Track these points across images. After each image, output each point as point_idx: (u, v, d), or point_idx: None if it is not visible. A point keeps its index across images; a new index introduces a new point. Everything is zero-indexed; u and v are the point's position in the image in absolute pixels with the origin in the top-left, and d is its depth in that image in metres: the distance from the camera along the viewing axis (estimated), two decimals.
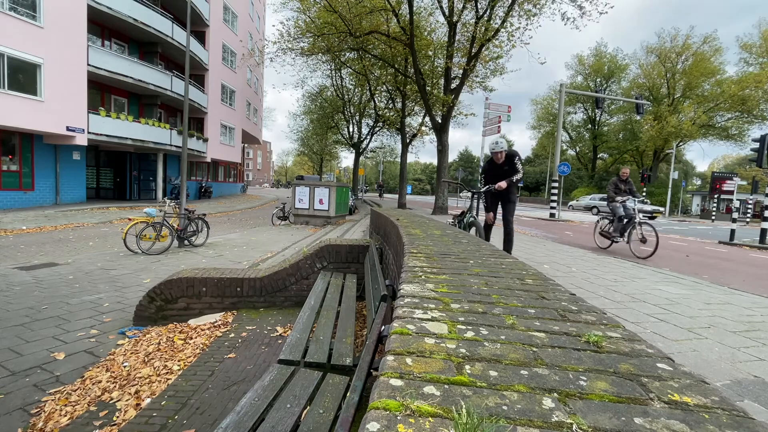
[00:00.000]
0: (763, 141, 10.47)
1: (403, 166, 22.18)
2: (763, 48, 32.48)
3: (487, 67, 17.51)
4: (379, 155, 38.78)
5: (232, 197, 28.34)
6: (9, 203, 13.47)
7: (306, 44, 17.28)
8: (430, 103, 16.01)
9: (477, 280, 1.51)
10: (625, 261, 6.33)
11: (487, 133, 13.25)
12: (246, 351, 3.24)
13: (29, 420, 2.43)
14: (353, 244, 4.53)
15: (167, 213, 7.98)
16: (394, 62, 18.38)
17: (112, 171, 19.87)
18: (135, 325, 3.96)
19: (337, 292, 3.50)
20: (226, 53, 26.14)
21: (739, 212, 22.37)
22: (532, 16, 14.09)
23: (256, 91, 35.88)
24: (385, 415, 0.61)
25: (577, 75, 44.04)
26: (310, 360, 2.09)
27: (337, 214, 13.95)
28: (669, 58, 36.45)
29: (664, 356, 0.86)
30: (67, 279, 5.48)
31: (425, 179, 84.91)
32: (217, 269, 4.48)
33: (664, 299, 3.86)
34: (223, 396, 2.55)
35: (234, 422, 1.52)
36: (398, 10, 14.63)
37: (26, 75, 13.09)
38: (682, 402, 0.67)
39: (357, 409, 1.03)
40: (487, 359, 0.81)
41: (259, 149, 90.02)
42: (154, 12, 17.98)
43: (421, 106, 21.43)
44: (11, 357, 3.19)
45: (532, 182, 57.35)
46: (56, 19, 13.65)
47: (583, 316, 1.13)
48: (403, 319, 1.02)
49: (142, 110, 19.69)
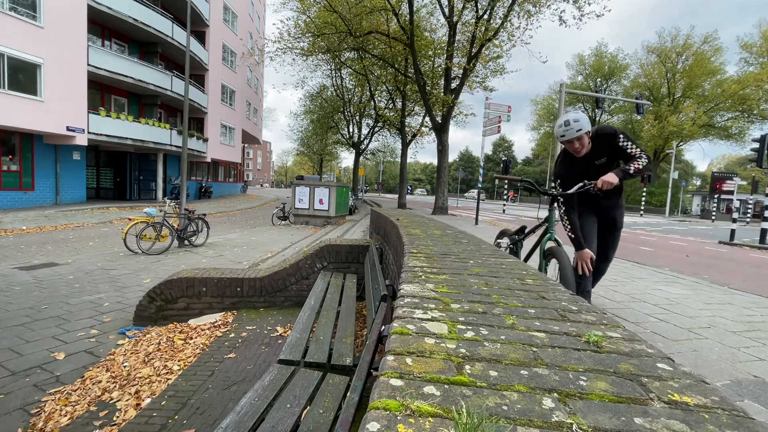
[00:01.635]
0: (763, 141, 10.48)
1: (403, 166, 22.18)
2: (763, 48, 32.47)
3: (487, 67, 17.52)
4: (379, 156, 38.77)
5: (232, 197, 28.33)
6: (9, 203, 13.46)
7: (306, 44, 17.29)
8: (430, 103, 16.01)
9: (477, 280, 1.51)
10: (625, 261, 6.33)
11: (487, 133, 13.22)
12: (246, 351, 3.24)
13: (29, 420, 2.43)
14: (353, 244, 4.53)
15: (167, 213, 7.98)
16: (394, 62, 18.38)
17: (112, 171, 19.86)
18: (135, 325, 3.96)
19: (337, 292, 3.50)
20: (226, 53, 26.14)
21: (739, 212, 22.37)
22: (532, 16, 14.11)
23: (256, 91, 35.88)
24: (385, 415, 0.61)
25: (578, 75, 44.03)
26: (310, 360, 2.09)
27: (337, 214, 13.95)
28: (669, 57, 36.45)
29: (664, 356, 0.85)
30: (67, 279, 5.48)
31: (425, 179, 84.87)
32: (217, 269, 4.48)
33: (664, 299, 3.86)
34: (223, 396, 2.55)
35: (234, 422, 1.52)
36: (398, 10, 14.64)
37: (26, 75, 13.09)
38: (682, 402, 0.67)
39: (357, 409, 1.03)
40: (487, 359, 0.81)
41: (259, 149, 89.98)
42: (154, 12, 17.97)
43: (421, 106, 21.44)
44: (11, 357, 3.19)
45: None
46: (56, 19, 13.64)
47: (583, 316, 1.13)
48: (403, 319, 1.02)
49: (142, 110, 19.68)
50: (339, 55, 19.99)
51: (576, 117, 2.63)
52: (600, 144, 2.72)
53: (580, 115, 2.64)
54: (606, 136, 2.71)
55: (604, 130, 2.74)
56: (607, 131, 2.72)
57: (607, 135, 2.71)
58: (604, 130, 2.74)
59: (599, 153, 2.74)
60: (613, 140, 2.68)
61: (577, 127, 2.62)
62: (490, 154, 60.94)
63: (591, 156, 2.76)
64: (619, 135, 2.67)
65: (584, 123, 2.63)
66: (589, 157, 2.76)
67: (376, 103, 25.96)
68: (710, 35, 34.44)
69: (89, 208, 14.29)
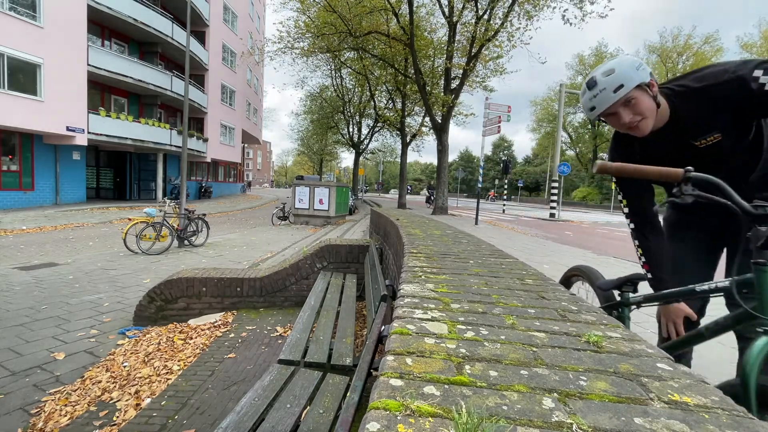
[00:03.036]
0: None
1: (403, 166, 22.20)
2: (763, 48, 32.54)
3: (487, 67, 17.53)
4: (379, 156, 38.80)
5: (232, 197, 28.34)
6: (9, 203, 13.47)
7: (306, 44, 17.30)
8: (430, 103, 16.02)
9: (477, 280, 1.51)
10: (626, 261, 6.33)
11: (486, 133, 13.24)
12: (246, 351, 3.24)
13: (29, 420, 2.43)
14: (353, 244, 4.53)
15: (167, 213, 7.98)
16: (394, 62, 18.39)
17: (112, 171, 19.88)
18: (135, 325, 3.96)
19: (337, 292, 3.50)
20: (226, 53, 26.15)
21: None
22: (532, 16, 14.11)
23: (256, 91, 35.90)
24: (385, 415, 0.61)
25: (578, 75, 44.08)
26: (310, 360, 2.09)
27: (337, 214, 13.95)
28: (670, 57, 36.54)
29: (664, 356, 0.85)
30: (67, 279, 5.48)
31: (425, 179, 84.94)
32: (217, 269, 4.48)
33: None
34: (223, 396, 2.55)
35: (234, 422, 1.52)
36: (398, 10, 14.65)
37: (26, 75, 13.10)
38: (682, 402, 0.67)
39: (357, 409, 1.03)
40: (487, 359, 0.81)
41: (259, 149, 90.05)
42: (154, 12, 17.99)
43: (421, 106, 21.45)
44: (11, 357, 3.19)
45: (532, 182, 57.40)
46: (56, 19, 13.65)
47: (583, 316, 1.13)
48: (403, 319, 1.02)
49: (142, 110, 19.69)
50: (339, 55, 20.01)
51: (610, 67, 1.31)
52: (703, 104, 1.30)
53: (618, 62, 1.32)
54: (720, 87, 1.25)
55: (716, 77, 1.27)
56: (722, 78, 1.25)
57: (722, 85, 1.25)
58: (716, 77, 1.27)
59: (701, 124, 1.33)
60: (742, 91, 1.21)
61: (614, 83, 1.29)
62: (490, 154, 61.00)
63: (678, 131, 1.38)
64: (755, 74, 1.19)
65: (628, 72, 1.27)
66: (674, 135, 1.39)
67: (376, 103, 25.98)
68: (711, 35, 34.60)
69: (89, 208, 14.29)
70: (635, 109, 1.31)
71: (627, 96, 1.29)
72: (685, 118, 1.34)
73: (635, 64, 1.30)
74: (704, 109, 1.29)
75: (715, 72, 1.28)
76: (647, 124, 1.34)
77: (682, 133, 1.37)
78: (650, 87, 1.30)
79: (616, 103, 1.31)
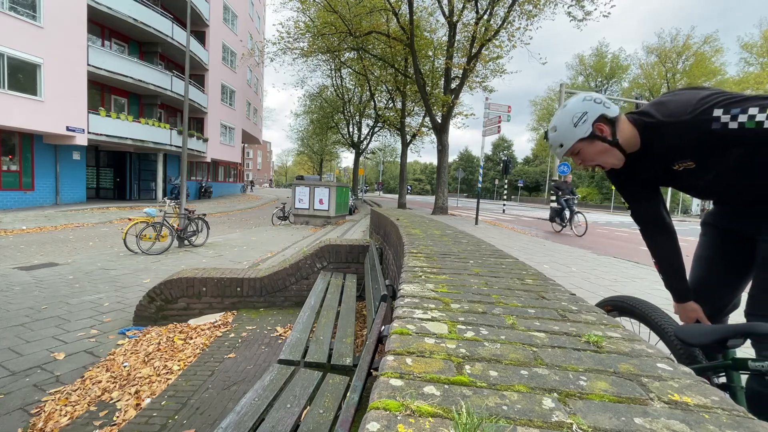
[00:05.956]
0: None
1: (403, 166, 22.19)
2: (764, 48, 32.54)
3: (487, 68, 17.52)
4: (379, 156, 38.81)
5: (232, 197, 28.34)
6: (9, 203, 13.46)
7: (305, 45, 17.30)
8: (430, 103, 16.01)
9: (477, 280, 1.51)
10: (625, 261, 6.33)
11: (486, 133, 13.23)
12: (246, 351, 3.24)
13: (29, 420, 2.43)
14: (353, 244, 4.53)
15: (167, 213, 7.99)
16: (394, 62, 18.39)
17: (112, 171, 19.87)
18: (135, 325, 3.96)
19: (337, 292, 3.50)
20: (226, 53, 26.15)
21: None
22: (533, 16, 14.11)
23: (256, 91, 35.90)
24: (385, 415, 0.61)
25: (579, 75, 44.09)
26: (310, 360, 2.09)
27: (337, 214, 13.95)
28: (669, 58, 36.55)
29: (664, 356, 0.85)
30: (67, 279, 5.48)
31: (425, 179, 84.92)
32: (217, 269, 4.48)
33: (664, 299, 3.86)
34: (223, 396, 2.55)
35: (234, 422, 1.52)
36: (398, 10, 14.65)
37: (26, 75, 13.09)
38: (682, 402, 0.67)
39: (357, 409, 1.03)
40: (487, 359, 0.81)
41: (259, 149, 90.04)
42: (154, 12, 17.98)
43: (421, 106, 21.45)
44: (11, 357, 3.19)
45: (532, 182, 57.41)
46: (56, 19, 13.65)
47: (583, 316, 1.13)
48: (403, 319, 1.02)
49: (142, 110, 19.69)
50: (339, 56, 20.01)
51: (553, 123, 1.44)
52: (670, 137, 1.27)
53: (560, 118, 1.40)
54: (683, 125, 1.21)
55: (679, 114, 1.22)
56: (683, 116, 1.21)
57: (685, 124, 1.21)
58: (679, 114, 1.22)
59: (671, 153, 1.32)
60: (704, 132, 1.18)
61: (556, 142, 1.43)
62: (490, 154, 60.99)
63: (653, 156, 1.36)
64: (715, 114, 1.14)
65: (565, 133, 1.38)
66: (649, 158, 1.38)
67: (376, 103, 25.99)
68: (711, 36, 34.58)
69: (89, 208, 14.29)
70: (582, 157, 1.42)
71: (570, 150, 1.42)
72: (655, 147, 1.34)
73: (575, 119, 1.36)
74: (672, 140, 1.28)
75: (678, 106, 1.24)
76: (605, 162, 1.42)
77: (657, 158, 1.37)
78: (599, 131, 1.35)
79: (567, 154, 1.45)
